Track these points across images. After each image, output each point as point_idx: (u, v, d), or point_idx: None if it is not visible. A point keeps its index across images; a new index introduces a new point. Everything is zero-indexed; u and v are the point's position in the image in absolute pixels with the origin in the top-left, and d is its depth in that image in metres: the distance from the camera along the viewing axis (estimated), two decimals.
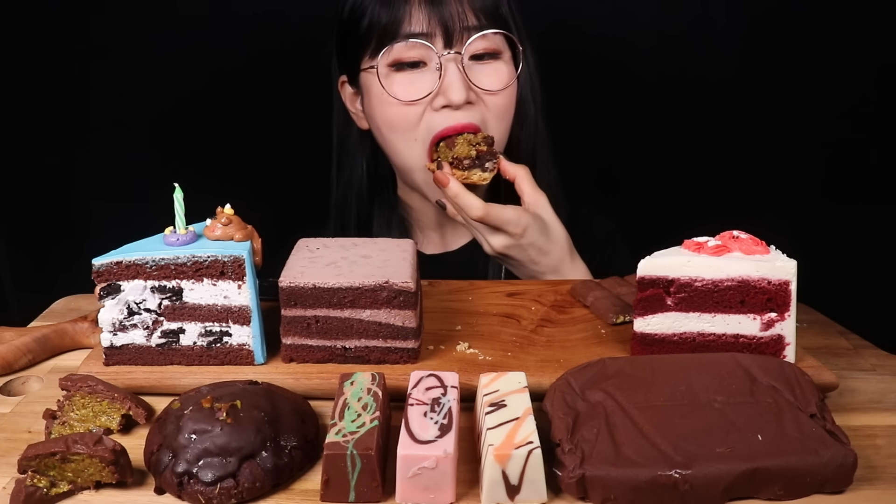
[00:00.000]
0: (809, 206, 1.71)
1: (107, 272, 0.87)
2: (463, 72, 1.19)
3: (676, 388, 0.79)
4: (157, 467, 0.74)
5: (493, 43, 1.22)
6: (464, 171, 1.17)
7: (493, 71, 1.23)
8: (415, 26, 1.18)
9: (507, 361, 0.92)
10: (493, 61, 1.23)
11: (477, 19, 1.20)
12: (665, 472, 0.69)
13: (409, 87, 1.20)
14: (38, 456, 0.71)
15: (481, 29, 1.20)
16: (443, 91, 1.19)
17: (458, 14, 1.18)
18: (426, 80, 1.20)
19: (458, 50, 1.19)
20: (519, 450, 0.69)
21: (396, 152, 1.27)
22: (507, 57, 1.25)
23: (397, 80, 1.21)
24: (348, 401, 0.76)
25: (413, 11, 1.18)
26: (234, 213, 0.91)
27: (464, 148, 1.18)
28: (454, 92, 1.18)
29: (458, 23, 1.18)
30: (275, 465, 0.73)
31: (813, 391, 0.79)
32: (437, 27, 1.18)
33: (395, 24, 1.19)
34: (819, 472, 0.70)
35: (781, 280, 0.87)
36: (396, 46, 1.19)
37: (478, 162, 1.18)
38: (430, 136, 1.22)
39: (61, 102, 1.65)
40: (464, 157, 1.17)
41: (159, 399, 0.87)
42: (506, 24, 1.25)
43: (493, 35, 1.22)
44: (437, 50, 1.19)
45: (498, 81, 1.23)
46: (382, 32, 1.20)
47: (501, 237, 1.16)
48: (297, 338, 0.90)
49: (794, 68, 1.65)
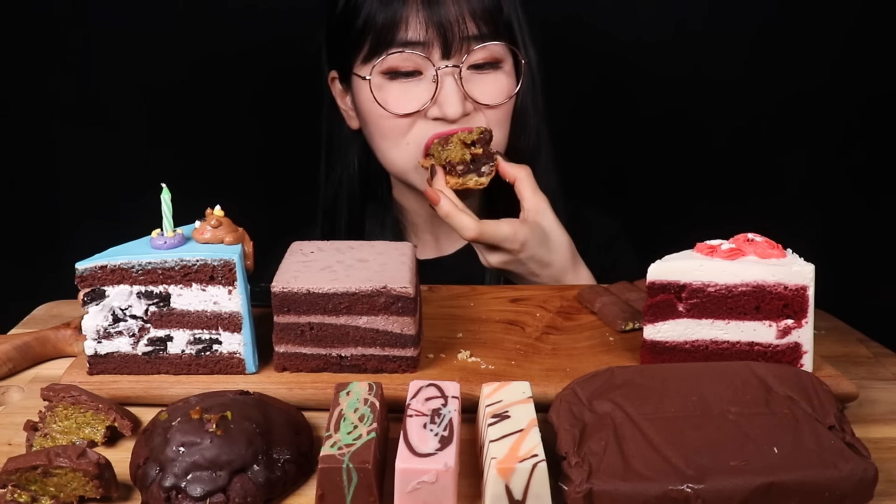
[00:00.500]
0: (828, 208, 1.71)
1: (91, 277, 0.87)
2: (460, 84, 1.18)
3: (688, 399, 0.79)
4: (143, 481, 0.73)
5: (493, 53, 1.21)
6: (458, 177, 1.16)
7: (493, 82, 1.22)
8: (411, 33, 1.17)
9: (511, 370, 0.92)
10: (493, 72, 1.22)
11: (477, 28, 1.18)
12: (676, 487, 0.69)
13: (403, 98, 1.20)
14: (18, 469, 0.71)
15: (482, 39, 1.19)
16: (438, 104, 1.19)
17: (458, 21, 1.17)
18: (421, 91, 1.20)
19: (457, 63, 1.18)
20: (523, 463, 0.69)
21: (386, 156, 1.27)
22: (509, 66, 1.24)
23: (391, 90, 1.20)
24: (344, 412, 0.76)
25: (410, 16, 1.17)
26: (224, 215, 0.91)
27: (457, 151, 1.16)
28: (450, 106, 1.18)
29: (457, 32, 1.17)
30: (267, 479, 0.73)
31: (831, 402, 0.79)
32: (435, 36, 1.17)
33: (392, 29, 1.18)
34: (838, 486, 0.70)
35: (798, 285, 0.87)
36: (391, 57, 1.18)
37: (473, 166, 1.17)
38: (423, 141, 1.21)
39: (43, 103, 1.65)
40: (457, 161, 1.16)
41: (146, 410, 0.87)
42: (509, 32, 1.24)
43: (495, 45, 1.21)
44: (435, 62, 1.18)
45: (497, 94, 1.22)
46: (377, 36, 1.19)
47: (499, 254, 1.16)
48: (290, 346, 0.90)
49: (811, 66, 1.66)
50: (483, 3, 1.19)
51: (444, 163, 1.17)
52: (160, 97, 1.66)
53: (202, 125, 1.67)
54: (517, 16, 1.26)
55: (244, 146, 1.73)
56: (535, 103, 1.31)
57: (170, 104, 1.66)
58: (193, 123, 1.67)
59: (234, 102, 1.69)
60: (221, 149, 1.70)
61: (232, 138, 1.71)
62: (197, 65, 1.65)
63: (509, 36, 1.24)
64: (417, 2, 1.17)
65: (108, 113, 1.67)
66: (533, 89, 1.30)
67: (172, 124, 1.67)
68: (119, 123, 1.67)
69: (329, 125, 1.38)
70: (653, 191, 1.76)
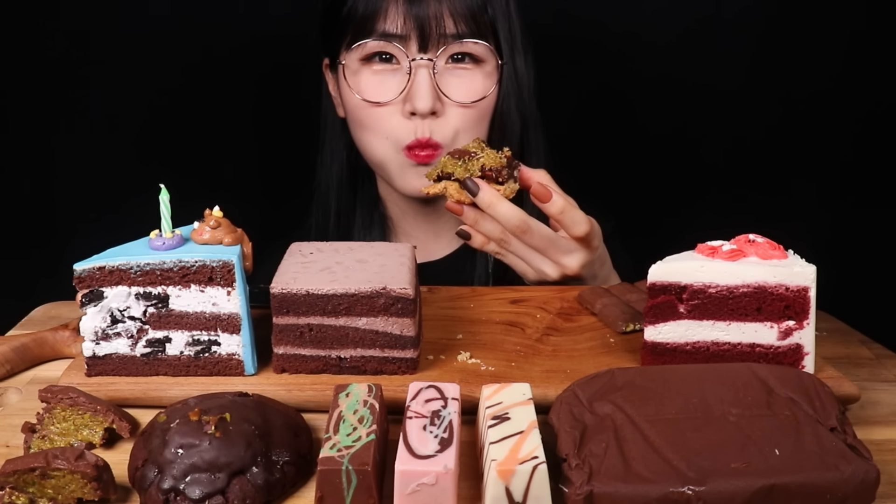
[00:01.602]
0: (829, 209, 1.72)
1: (89, 278, 0.87)
2: (433, 79, 1.19)
3: (689, 401, 0.79)
4: (141, 483, 0.73)
5: (473, 50, 1.22)
6: (502, 183, 1.03)
7: (468, 81, 1.22)
8: (389, 25, 1.19)
9: (511, 372, 0.92)
10: (471, 70, 1.22)
11: (456, 26, 1.19)
12: (677, 489, 0.69)
13: (377, 87, 1.22)
14: (16, 472, 0.71)
15: (460, 38, 1.20)
16: (409, 97, 1.20)
17: (437, 17, 1.18)
18: (395, 82, 1.21)
19: (432, 56, 1.19)
20: (523, 465, 0.69)
21: (365, 147, 1.29)
22: (490, 68, 1.24)
23: (366, 78, 1.22)
24: (343, 413, 0.76)
25: (390, 8, 1.19)
26: (223, 216, 0.91)
27: (492, 156, 1.04)
28: (420, 100, 1.19)
29: (434, 28, 1.18)
30: (266, 482, 0.73)
31: (833, 403, 0.79)
32: (413, 29, 1.18)
33: (371, 19, 1.19)
34: (840, 488, 0.70)
35: (800, 286, 0.87)
36: (368, 44, 1.20)
37: (508, 171, 1.04)
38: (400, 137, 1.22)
39: (41, 103, 1.65)
40: (499, 167, 1.03)
41: (144, 412, 0.86)
42: (492, 32, 1.23)
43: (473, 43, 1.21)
44: (410, 53, 1.19)
45: (470, 93, 1.22)
46: (357, 26, 1.21)
47: (581, 254, 1.07)
48: (289, 347, 0.90)
49: (813, 68, 1.66)
50: (465, 2, 1.20)
51: (479, 173, 1.03)
52: (159, 98, 1.66)
53: (201, 125, 1.68)
54: (507, 19, 1.25)
55: (243, 147, 1.74)
56: (520, 108, 1.30)
57: (168, 104, 1.66)
58: (192, 123, 1.67)
59: (232, 102, 1.69)
60: (220, 149, 1.70)
61: (231, 139, 1.71)
62: (195, 66, 1.65)
63: (493, 37, 1.24)
64: None
65: (106, 113, 1.67)
66: (518, 94, 1.29)
67: (171, 124, 1.67)
68: (117, 124, 1.68)
69: (325, 112, 1.40)
70: (654, 191, 1.76)
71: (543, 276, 1.10)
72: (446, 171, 1.05)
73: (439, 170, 1.06)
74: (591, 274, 1.12)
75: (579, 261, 1.08)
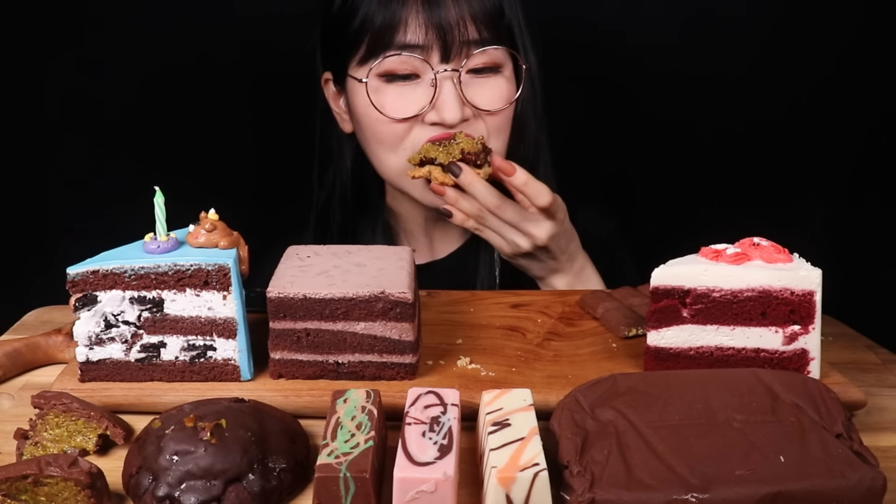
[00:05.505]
0: (835, 212, 1.71)
1: (83, 282, 0.87)
2: (459, 89, 1.18)
3: (693, 407, 0.79)
4: (136, 491, 0.74)
5: (494, 57, 1.21)
6: (480, 167, 1.15)
7: (493, 87, 1.22)
8: (410, 36, 1.16)
9: (512, 377, 0.92)
10: (493, 77, 1.22)
11: (478, 32, 1.18)
12: (681, 497, 0.69)
13: (400, 102, 1.19)
14: (8, 479, 0.71)
15: (482, 44, 1.18)
16: (436, 109, 1.18)
17: (459, 25, 1.16)
18: (419, 95, 1.19)
19: (456, 67, 1.18)
20: (524, 472, 0.69)
21: (381, 161, 1.27)
22: (509, 72, 1.24)
23: (388, 94, 1.20)
24: (341, 420, 0.76)
25: (409, 18, 1.16)
26: (218, 219, 0.91)
27: (470, 142, 1.16)
28: (448, 111, 1.17)
29: (457, 36, 1.16)
30: (262, 489, 0.73)
31: (839, 409, 0.79)
32: (435, 39, 1.16)
33: (390, 31, 1.17)
34: (845, 495, 0.70)
35: (805, 290, 0.87)
36: (388, 59, 1.18)
37: (483, 156, 1.16)
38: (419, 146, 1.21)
39: (34, 104, 1.65)
40: (477, 151, 1.15)
41: (139, 418, 0.87)
42: (510, 36, 1.23)
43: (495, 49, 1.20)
44: (433, 65, 1.17)
45: (497, 100, 1.22)
46: (375, 38, 1.18)
47: (548, 225, 1.16)
48: (286, 352, 0.90)
49: (818, 69, 1.66)
50: (485, 7, 1.19)
51: (459, 157, 1.16)
52: (154, 100, 1.66)
53: (196, 128, 1.67)
54: (518, 20, 1.25)
55: (239, 149, 1.74)
56: (535, 111, 1.31)
57: (163, 107, 1.66)
58: (187, 126, 1.67)
59: (229, 105, 1.69)
60: (216, 152, 1.70)
61: (226, 142, 1.71)
62: (191, 68, 1.65)
63: (510, 41, 1.24)
64: (417, 3, 1.16)
65: (100, 115, 1.67)
66: (533, 96, 1.30)
67: (166, 127, 1.67)
68: (112, 126, 1.68)
69: (322, 128, 1.38)
70: (657, 194, 1.76)
71: (517, 248, 1.19)
72: (429, 157, 1.17)
73: (422, 155, 1.18)
74: (560, 248, 1.20)
75: (547, 231, 1.17)
